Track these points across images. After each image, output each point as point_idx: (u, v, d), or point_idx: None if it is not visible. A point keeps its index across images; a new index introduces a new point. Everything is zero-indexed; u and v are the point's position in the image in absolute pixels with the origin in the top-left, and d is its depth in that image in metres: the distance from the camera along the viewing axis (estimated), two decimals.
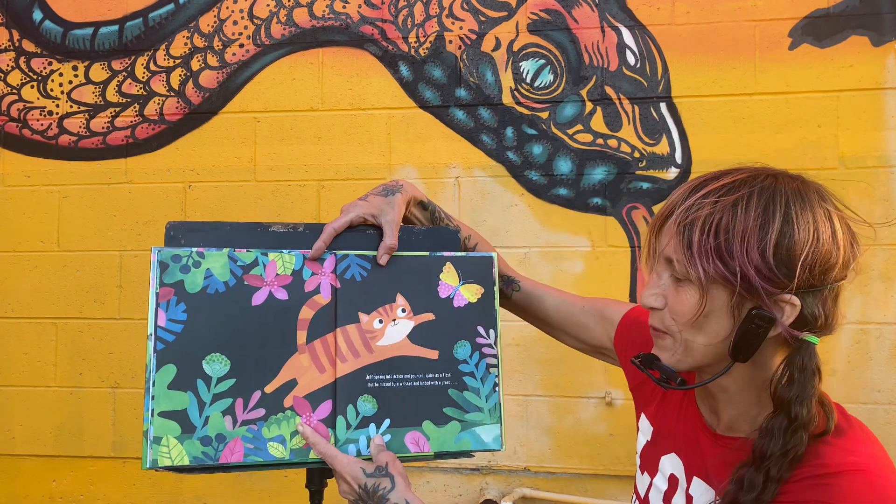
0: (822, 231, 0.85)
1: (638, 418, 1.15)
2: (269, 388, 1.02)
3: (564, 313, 1.24)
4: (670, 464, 1.03)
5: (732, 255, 0.85)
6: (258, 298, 1.03)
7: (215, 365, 1.00)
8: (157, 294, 0.99)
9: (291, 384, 1.03)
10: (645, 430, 1.11)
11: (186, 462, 0.97)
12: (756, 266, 0.84)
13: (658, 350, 0.95)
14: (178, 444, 0.97)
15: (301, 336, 1.04)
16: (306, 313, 1.05)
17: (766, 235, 0.85)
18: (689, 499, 0.98)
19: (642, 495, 1.07)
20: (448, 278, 1.10)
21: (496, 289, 1.12)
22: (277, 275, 1.05)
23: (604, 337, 1.22)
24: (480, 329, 1.10)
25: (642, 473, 1.10)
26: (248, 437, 1.00)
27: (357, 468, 0.99)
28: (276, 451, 1.01)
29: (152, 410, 0.97)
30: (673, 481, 1.02)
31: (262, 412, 1.01)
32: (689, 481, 0.99)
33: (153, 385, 0.97)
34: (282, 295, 1.04)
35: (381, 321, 1.07)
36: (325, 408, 1.03)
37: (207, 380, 1.00)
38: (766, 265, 0.84)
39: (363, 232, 1.10)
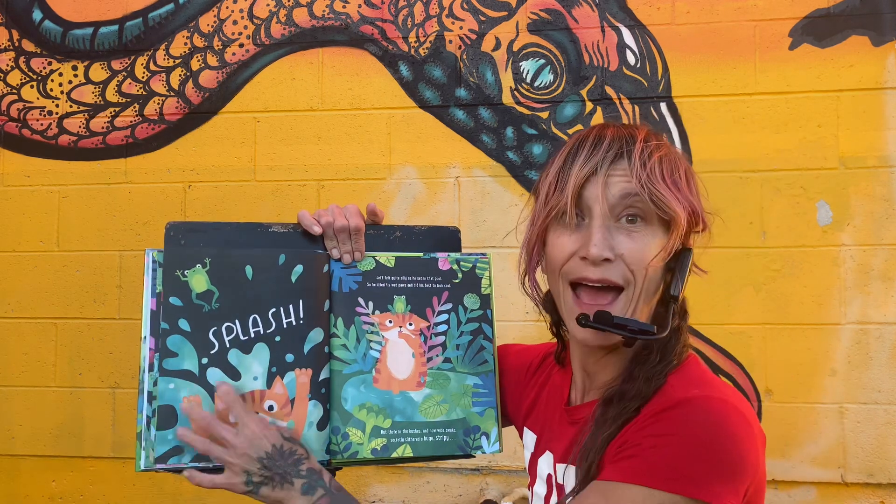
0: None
1: (521, 436, 1.11)
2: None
3: None
4: (546, 464, 0.99)
5: (692, 192, 0.85)
6: None
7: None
8: (158, 294, 0.96)
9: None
10: (529, 444, 1.07)
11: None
12: (695, 206, 0.86)
13: (611, 309, 0.85)
14: None
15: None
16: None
17: (692, 175, 0.87)
18: (559, 490, 0.93)
19: None
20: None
21: (492, 289, 1.12)
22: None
23: None
24: (485, 328, 1.10)
25: (530, 489, 1.04)
26: None
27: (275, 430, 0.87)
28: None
29: (148, 412, 0.93)
30: (549, 482, 0.98)
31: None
32: (555, 472, 0.95)
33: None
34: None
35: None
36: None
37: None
38: (698, 203, 0.86)
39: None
